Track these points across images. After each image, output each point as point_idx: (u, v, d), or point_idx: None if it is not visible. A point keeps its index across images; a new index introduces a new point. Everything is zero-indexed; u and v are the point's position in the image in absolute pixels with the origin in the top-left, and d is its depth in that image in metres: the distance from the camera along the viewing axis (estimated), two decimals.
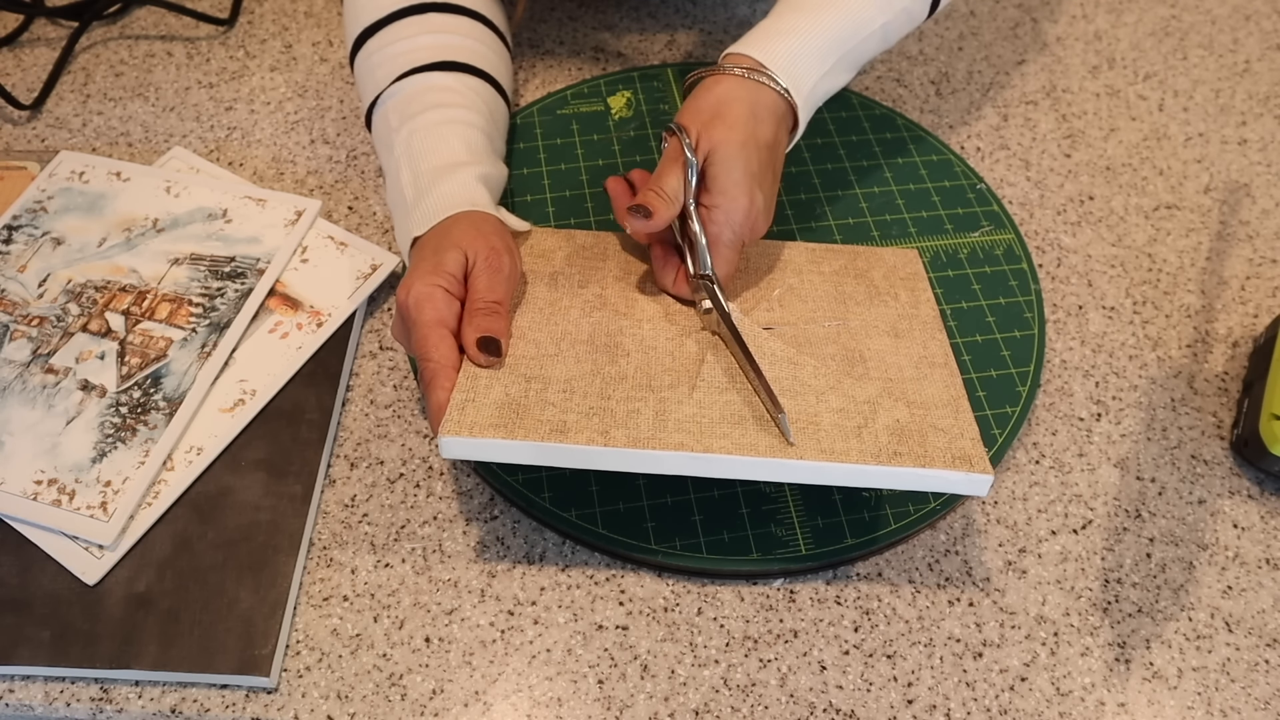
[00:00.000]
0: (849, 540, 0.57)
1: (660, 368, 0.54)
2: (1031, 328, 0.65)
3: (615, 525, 0.57)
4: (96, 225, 0.68)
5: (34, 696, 0.52)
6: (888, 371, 0.56)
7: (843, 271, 0.63)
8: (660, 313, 0.58)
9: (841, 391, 0.54)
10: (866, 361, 0.56)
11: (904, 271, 0.63)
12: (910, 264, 0.64)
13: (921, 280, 0.63)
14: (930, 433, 0.52)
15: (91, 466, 0.57)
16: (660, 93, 0.77)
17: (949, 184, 0.72)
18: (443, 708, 0.52)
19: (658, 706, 0.53)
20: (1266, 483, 0.61)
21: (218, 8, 0.85)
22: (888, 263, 0.64)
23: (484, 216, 0.57)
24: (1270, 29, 0.87)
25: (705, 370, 0.54)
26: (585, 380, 0.53)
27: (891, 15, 0.63)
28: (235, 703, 0.52)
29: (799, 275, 0.62)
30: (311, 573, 0.56)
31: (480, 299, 0.53)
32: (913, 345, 0.58)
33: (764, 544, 0.56)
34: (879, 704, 0.53)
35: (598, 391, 0.52)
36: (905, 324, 0.59)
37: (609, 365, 0.54)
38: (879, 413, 0.53)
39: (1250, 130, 0.79)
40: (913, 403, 0.54)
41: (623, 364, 0.54)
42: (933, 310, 0.61)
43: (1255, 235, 0.73)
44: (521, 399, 0.51)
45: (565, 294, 0.58)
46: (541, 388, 0.52)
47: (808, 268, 0.62)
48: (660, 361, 0.55)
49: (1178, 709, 0.54)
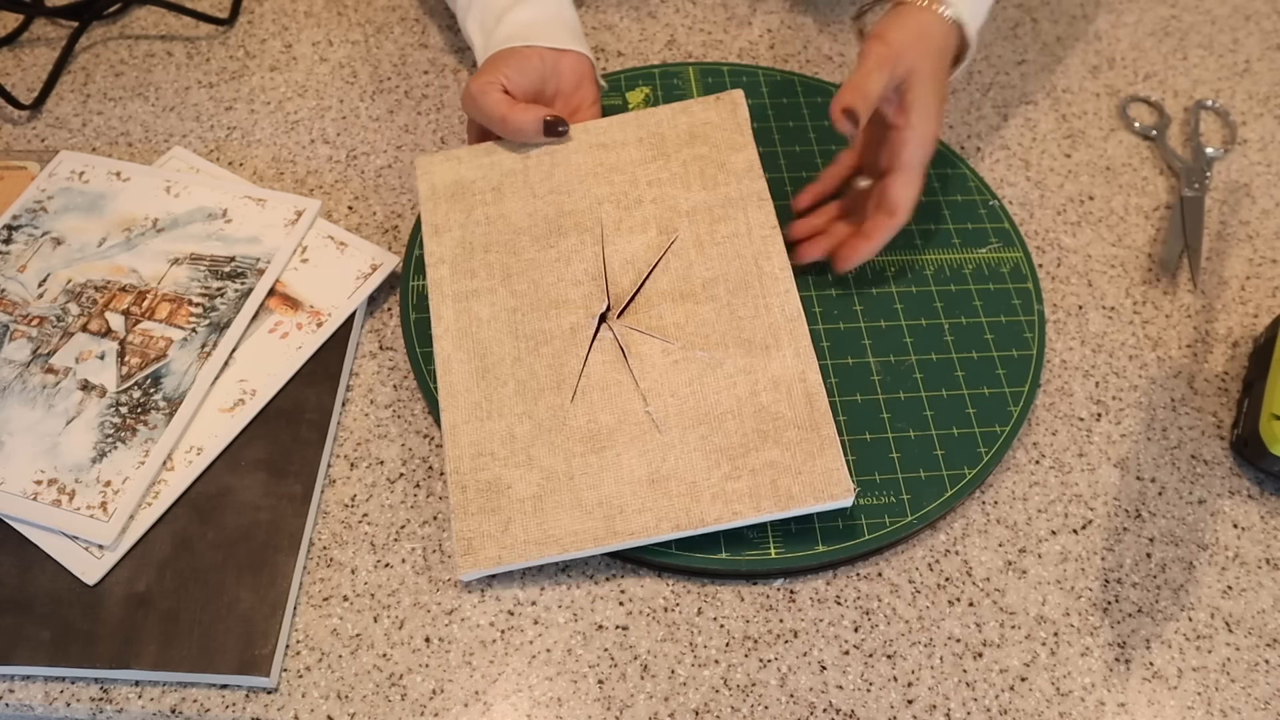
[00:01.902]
0: (820, 547, 0.57)
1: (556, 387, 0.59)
2: (1030, 348, 0.65)
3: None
4: (96, 225, 0.68)
5: (34, 696, 0.52)
6: (743, 360, 0.58)
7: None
8: (570, 325, 0.60)
9: (709, 424, 0.56)
10: (726, 347, 0.59)
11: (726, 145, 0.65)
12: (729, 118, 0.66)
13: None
14: (803, 468, 0.55)
15: (91, 466, 0.57)
16: (680, 91, 0.77)
17: (961, 198, 0.72)
18: (443, 708, 0.52)
19: (658, 706, 0.53)
20: (1266, 483, 0.61)
21: (218, 8, 0.85)
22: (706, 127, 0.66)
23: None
24: (1270, 29, 0.87)
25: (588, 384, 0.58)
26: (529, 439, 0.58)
27: None
28: (235, 703, 0.52)
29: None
30: (311, 573, 0.56)
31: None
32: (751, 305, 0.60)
33: (734, 544, 0.56)
34: (879, 704, 0.53)
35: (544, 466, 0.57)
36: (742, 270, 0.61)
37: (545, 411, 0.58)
38: (750, 454, 0.55)
39: (1250, 130, 0.79)
40: (776, 432, 0.56)
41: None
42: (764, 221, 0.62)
43: (1255, 235, 0.73)
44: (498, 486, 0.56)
45: (484, 304, 0.62)
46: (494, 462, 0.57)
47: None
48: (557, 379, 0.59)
49: (1178, 709, 0.54)
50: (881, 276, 0.68)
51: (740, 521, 0.54)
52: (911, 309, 0.66)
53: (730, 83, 0.77)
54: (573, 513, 0.55)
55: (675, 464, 0.55)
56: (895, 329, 0.65)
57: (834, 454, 0.55)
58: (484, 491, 0.56)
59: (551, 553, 0.54)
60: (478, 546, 0.55)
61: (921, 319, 0.66)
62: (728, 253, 0.61)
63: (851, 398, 0.62)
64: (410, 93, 0.78)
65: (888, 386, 0.63)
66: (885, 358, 0.64)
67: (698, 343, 0.58)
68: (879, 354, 0.64)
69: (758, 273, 0.60)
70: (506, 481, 0.56)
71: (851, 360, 0.64)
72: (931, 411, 0.62)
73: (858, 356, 0.64)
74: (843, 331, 0.65)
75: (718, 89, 0.77)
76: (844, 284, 0.67)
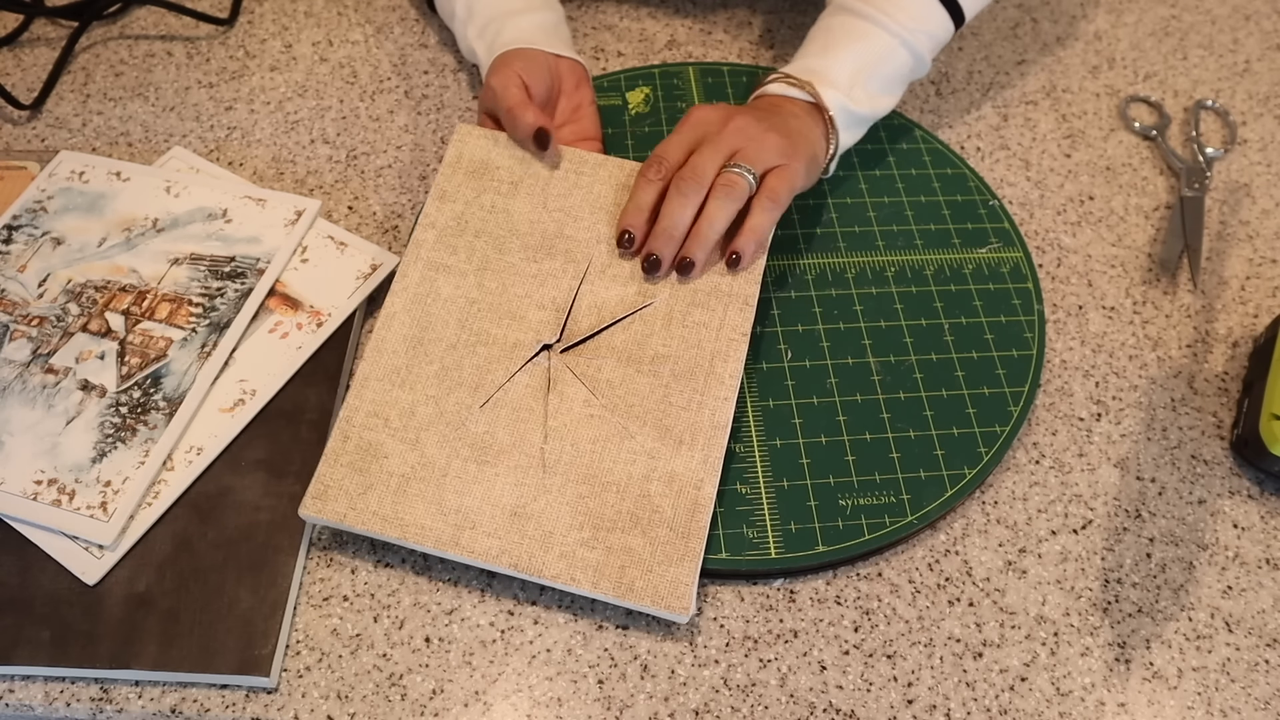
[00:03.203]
0: (820, 547, 0.57)
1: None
2: (1030, 348, 0.65)
3: None
4: (96, 225, 0.68)
5: (34, 696, 0.52)
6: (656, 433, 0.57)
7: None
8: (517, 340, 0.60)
9: (592, 487, 0.55)
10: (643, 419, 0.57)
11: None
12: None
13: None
14: (656, 568, 0.53)
15: (91, 466, 0.57)
16: (680, 91, 0.77)
17: (961, 198, 0.72)
18: (443, 708, 0.52)
19: (658, 706, 0.53)
20: (1266, 483, 0.61)
21: (218, 8, 0.85)
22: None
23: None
24: (1270, 29, 0.87)
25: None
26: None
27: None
28: (235, 703, 0.52)
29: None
30: (311, 573, 0.56)
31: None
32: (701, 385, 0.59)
33: (734, 544, 0.56)
34: (879, 704, 0.53)
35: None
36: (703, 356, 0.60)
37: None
38: (614, 532, 0.54)
39: (1250, 130, 0.79)
40: (649, 523, 0.54)
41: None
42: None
43: (1255, 235, 0.73)
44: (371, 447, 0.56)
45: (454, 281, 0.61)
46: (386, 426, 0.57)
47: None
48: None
49: (1178, 709, 0.54)
50: (881, 276, 0.68)
51: (572, 589, 0.53)
52: (911, 309, 0.66)
53: (730, 82, 0.77)
54: (429, 508, 0.55)
55: (543, 508, 0.55)
56: (895, 329, 0.65)
57: (690, 569, 0.53)
58: (362, 450, 0.56)
59: (392, 534, 0.54)
60: (331, 497, 0.55)
61: (921, 319, 0.66)
62: (690, 339, 0.60)
63: (851, 398, 0.62)
64: (410, 93, 0.78)
65: (888, 386, 0.63)
66: (885, 358, 0.64)
67: (620, 409, 0.57)
68: (879, 354, 0.64)
69: (708, 369, 0.59)
70: (386, 451, 0.56)
71: (851, 360, 0.64)
72: (931, 411, 0.62)
73: (858, 356, 0.64)
74: (843, 331, 0.65)
75: (717, 89, 0.77)
76: (844, 284, 0.67)
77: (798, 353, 0.64)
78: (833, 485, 0.59)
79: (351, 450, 0.56)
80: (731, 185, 0.60)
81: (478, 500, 0.55)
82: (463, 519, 0.54)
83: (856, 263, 0.68)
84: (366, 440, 0.56)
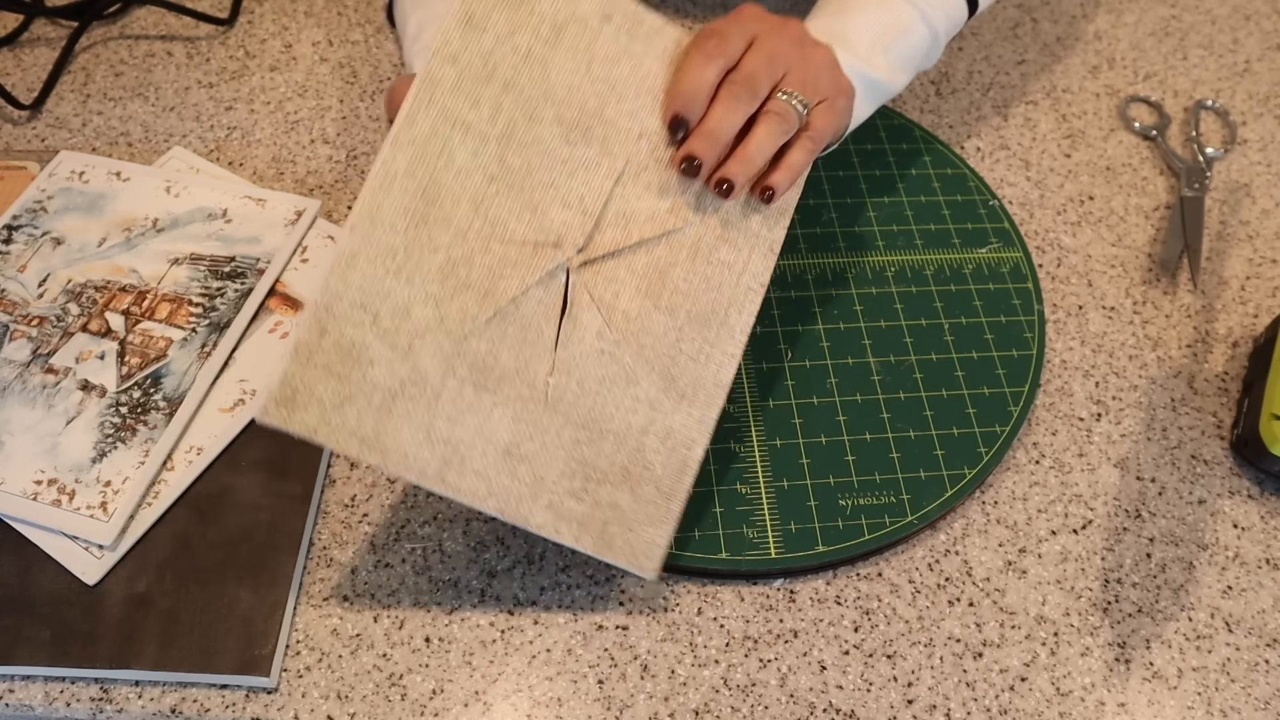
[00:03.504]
0: (820, 547, 0.57)
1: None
2: (1030, 348, 0.65)
3: None
4: (96, 225, 0.68)
5: (34, 696, 0.52)
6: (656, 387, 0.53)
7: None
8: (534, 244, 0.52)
9: (591, 433, 0.52)
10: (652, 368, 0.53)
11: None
12: None
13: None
14: (637, 528, 0.52)
15: (91, 466, 0.57)
16: None
17: (961, 198, 0.72)
18: (443, 708, 0.52)
19: (658, 706, 0.53)
20: (1266, 483, 0.61)
21: (218, 8, 0.85)
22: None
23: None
24: (1270, 29, 0.87)
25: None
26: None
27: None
28: (235, 703, 0.52)
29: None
30: (311, 573, 0.56)
31: None
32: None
33: (734, 544, 0.56)
34: (879, 704, 0.53)
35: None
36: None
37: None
38: (604, 485, 0.52)
39: (1250, 130, 0.79)
40: (638, 480, 0.52)
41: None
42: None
43: (1255, 235, 0.73)
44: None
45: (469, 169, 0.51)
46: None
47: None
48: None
49: (1178, 709, 0.54)
50: (881, 276, 0.68)
51: (554, 539, 0.50)
52: (911, 309, 0.66)
53: None
54: (416, 433, 0.48)
55: (537, 450, 0.50)
56: (895, 329, 0.65)
57: (668, 532, 0.52)
58: (342, 351, 0.47)
59: (372, 458, 0.47)
60: (302, 404, 0.46)
61: (921, 319, 0.66)
62: (711, 279, 0.55)
63: (851, 398, 0.62)
64: None
65: (888, 386, 0.63)
66: (885, 358, 0.64)
67: (633, 347, 0.52)
68: (879, 354, 0.64)
69: (723, 319, 0.55)
70: (371, 356, 0.47)
71: (851, 360, 0.64)
72: (931, 411, 0.62)
73: (858, 356, 0.64)
74: (843, 331, 0.65)
75: None
76: (844, 284, 0.67)
77: (798, 353, 0.64)
78: (833, 485, 0.59)
79: (329, 349, 0.46)
80: (784, 115, 0.55)
81: (470, 431, 0.49)
82: (451, 451, 0.48)
83: (856, 263, 0.68)
84: (349, 339, 0.47)
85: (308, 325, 0.46)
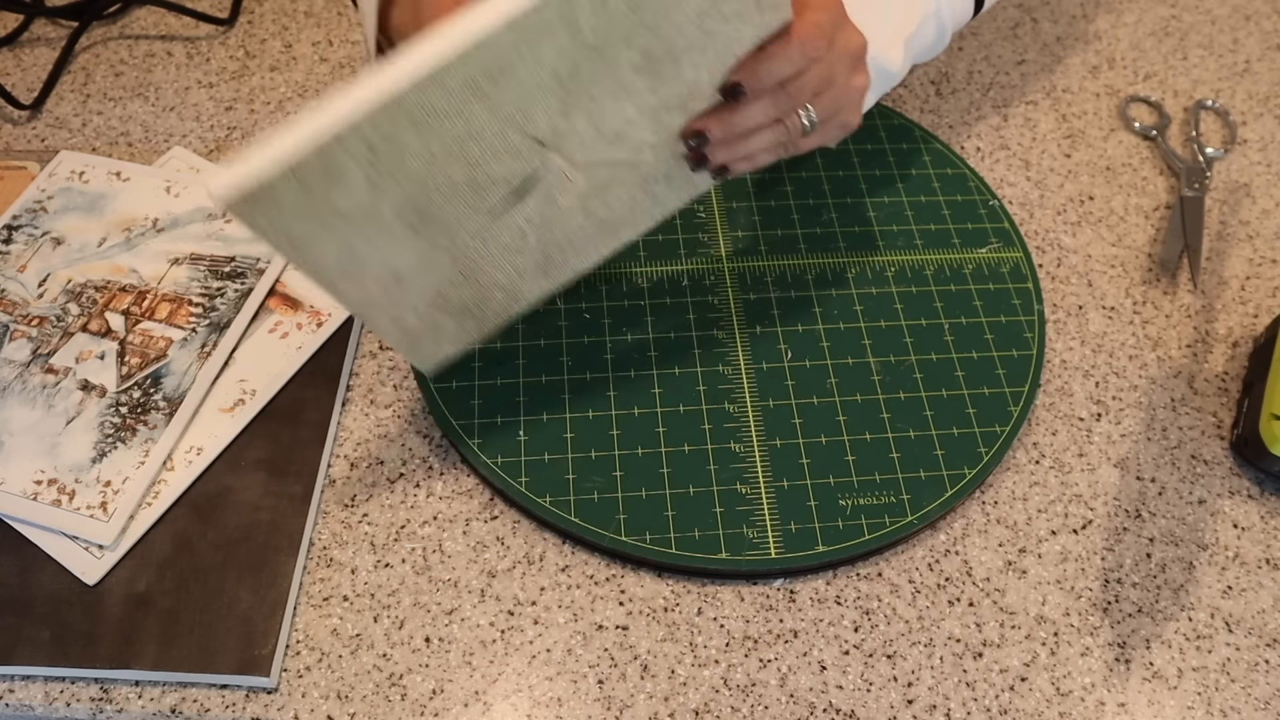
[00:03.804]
0: (820, 547, 0.57)
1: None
2: (1030, 348, 0.65)
3: (587, 514, 0.57)
4: (96, 225, 0.68)
5: (34, 696, 0.53)
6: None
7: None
8: None
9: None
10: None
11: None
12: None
13: None
14: (442, 343, 0.58)
15: (91, 466, 0.57)
16: None
17: (961, 198, 0.72)
18: (443, 708, 0.52)
19: (658, 706, 0.53)
20: (1266, 483, 0.61)
21: (218, 8, 0.85)
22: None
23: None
24: (1270, 29, 0.87)
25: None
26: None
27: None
28: (235, 703, 0.52)
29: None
30: (311, 573, 0.56)
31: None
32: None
33: (734, 544, 0.56)
34: (879, 704, 0.53)
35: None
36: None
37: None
38: (442, 314, 0.56)
39: (1250, 130, 0.79)
40: (468, 315, 0.58)
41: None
42: None
43: (1255, 235, 0.73)
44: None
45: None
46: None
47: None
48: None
49: (1178, 709, 0.54)
50: (881, 276, 0.68)
51: (376, 334, 0.52)
52: (911, 309, 0.66)
53: None
54: (339, 250, 0.48)
55: (417, 281, 0.53)
56: (895, 329, 0.65)
57: (458, 350, 0.60)
58: (326, 173, 0.45)
59: (290, 257, 0.47)
60: (264, 204, 0.44)
61: (921, 319, 0.66)
62: (635, 204, 0.58)
63: (851, 398, 0.62)
64: None
65: (888, 386, 0.63)
66: (885, 358, 0.64)
67: (543, 232, 0.55)
68: (879, 354, 0.64)
69: (614, 231, 0.59)
70: (348, 184, 0.46)
71: (851, 360, 0.64)
72: (931, 411, 0.62)
73: (858, 356, 0.64)
74: (843, 331, 0.65)
75: None
76: (844, 284, 0.67)
77: (798, 353, 0.64)
78: (833, 485, 0.59)
79: (316, 169, 0.44)
80: (792, 130, 0.56)
81: (380, 255, 0.50)
82: (352, 262, 0.50)
83: (856, 263, 0.68)
84: (340, 166, 0.45)
85: (309, 147, 0.43)
